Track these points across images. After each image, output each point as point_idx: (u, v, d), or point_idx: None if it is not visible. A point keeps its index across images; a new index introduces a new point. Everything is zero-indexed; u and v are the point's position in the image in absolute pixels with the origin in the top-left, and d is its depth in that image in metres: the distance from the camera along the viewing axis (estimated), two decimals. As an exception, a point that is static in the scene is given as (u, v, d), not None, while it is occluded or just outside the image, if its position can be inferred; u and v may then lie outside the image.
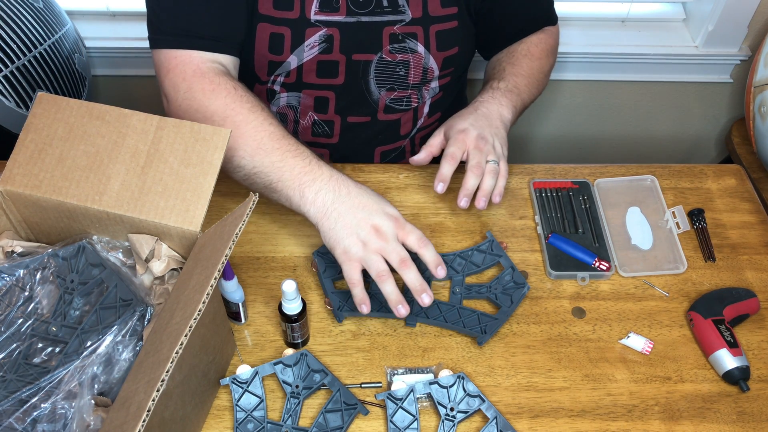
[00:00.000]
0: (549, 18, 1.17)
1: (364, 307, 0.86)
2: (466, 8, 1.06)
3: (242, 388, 0.83)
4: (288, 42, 1.01)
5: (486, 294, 0.95)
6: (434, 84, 1.12)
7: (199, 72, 0.94)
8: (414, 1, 1.02)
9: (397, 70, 1.07)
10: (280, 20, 1.00)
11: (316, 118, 1.11)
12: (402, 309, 0.84)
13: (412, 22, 1.03)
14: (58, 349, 0.80)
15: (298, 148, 0.90)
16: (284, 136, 0.91)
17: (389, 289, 0.84)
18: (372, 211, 0.86)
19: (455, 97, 1.22)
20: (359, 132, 1.14)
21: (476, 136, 0.96)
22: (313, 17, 1.00)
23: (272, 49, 1.01)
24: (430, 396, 0.85)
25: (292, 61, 1.03)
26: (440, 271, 0.86)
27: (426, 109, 1.15)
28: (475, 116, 1.00)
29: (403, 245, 0.86)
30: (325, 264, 0.96)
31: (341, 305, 0.92)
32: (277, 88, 1.08)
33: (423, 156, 0.99)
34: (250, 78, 1.09)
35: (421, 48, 1.05)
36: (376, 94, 1.09)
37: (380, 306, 0.93)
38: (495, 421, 0.82)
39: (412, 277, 0.84)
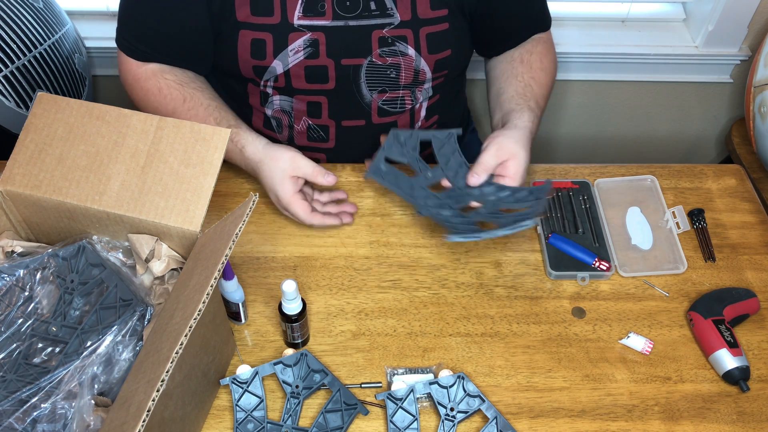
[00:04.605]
0: (544, 20, 1.16)
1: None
2: (459, 10, 1.05)
3: (242, 388, 0.83)
4: (270, 47, 1.01)
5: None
6: (427, 85, 1.11)
7: (135, 79, 1.06)
8: (402, 3, 1.01)
9: (388, 72, 1.06)
10: (260, 26, 1.00)
11: (310, 123, 1.11)
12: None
13: (401, 24, 1.02)
14: (58, 349, 0.80)
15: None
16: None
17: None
18: None
19: (453, 99, 1.22)
20: (355, 136, 1.13)
21: (523, 172, 0.98)
22: (297, 22, 1.00)
23: (254, 54, 1.02)
24: (430, 396, 0.85)
25: (277, 66, 1.03)
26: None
27: (423, 113, 1.15)
28: (526, 149, 0.99)
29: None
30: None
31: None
32: (269, 90, 1.08)
33: (483, 178, 0.99)
34: (243, 81, 1.09)
35: (411, 51, 1.04)
36: (368, 97, 1.08)
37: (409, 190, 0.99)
38: (495, 421, 0.82)
39: None
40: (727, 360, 0.87)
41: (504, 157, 0.97)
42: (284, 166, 0.98)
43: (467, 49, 1.15)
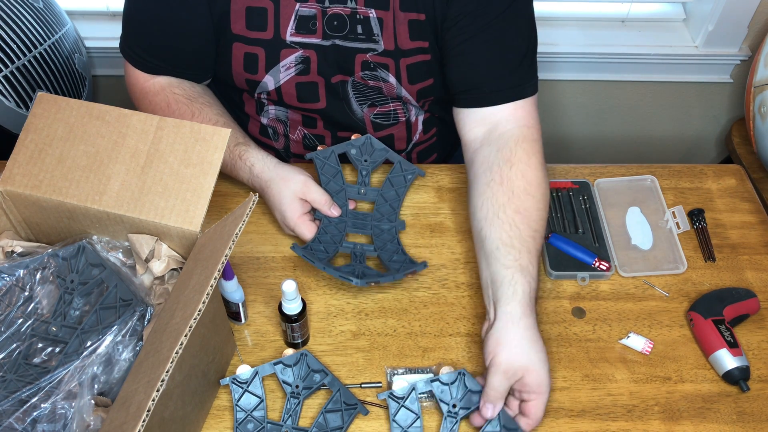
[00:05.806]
0: (521, 84, 0.97)
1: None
2: (435, 41, 1.00)
3: (242, 388, 0.83)
4: (262, 62, 1.01)
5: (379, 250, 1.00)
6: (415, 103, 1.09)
7: (142, 92, 1.06)
8: (387, 32, 0.99)
9: (373, 88, 1.05)
10: (253, 40, 0.99)
11: (306, 132, 1.11)
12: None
13: (384, 53, 1.00)
14: (58, 349, 0.80)
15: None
16: None
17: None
18: None
19: (451, 110, 1.19)
20: None
21: (546, 379, 0.82)
22: (289, 38, 0.99)
23: (247, 68, 1.02)
24: (431, 394, 0.85)
25: (269, 82, 1.03)
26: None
27: (420, 127, 1.14)
28: (537, 346, 0.83)
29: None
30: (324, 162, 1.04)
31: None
32: (264, 100, 1.08)
33: (499, 408, 0.82)
34: (238, 90, 1.09)
35: (392, 79, 1.03)
36: (359, 112, 1.08)
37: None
38: (498, 417, 0.82)
39: None
40: (727, 360, 0.87)
41: (517, 376, 0.81)
42: (294, 188, 0.97)
43: None
